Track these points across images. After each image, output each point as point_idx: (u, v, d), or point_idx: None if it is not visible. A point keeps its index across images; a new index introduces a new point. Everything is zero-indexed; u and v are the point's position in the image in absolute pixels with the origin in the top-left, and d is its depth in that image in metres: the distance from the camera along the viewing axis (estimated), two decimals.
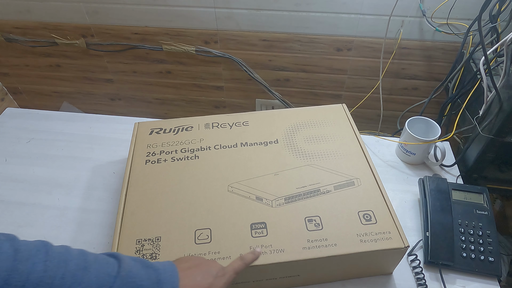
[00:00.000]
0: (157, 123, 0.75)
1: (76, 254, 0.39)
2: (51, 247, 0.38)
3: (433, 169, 0.82)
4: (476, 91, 0.83)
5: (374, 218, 0.58)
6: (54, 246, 0.38)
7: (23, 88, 1.36)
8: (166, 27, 1.07)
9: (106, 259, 0.41)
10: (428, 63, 1.06)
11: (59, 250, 0.38)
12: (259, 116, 0.76)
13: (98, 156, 0.84)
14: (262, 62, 1.13)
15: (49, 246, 0.38)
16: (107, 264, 0.40)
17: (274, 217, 0.58)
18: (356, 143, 0.70)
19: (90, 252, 0.41)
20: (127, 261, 0.42)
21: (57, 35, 1.14)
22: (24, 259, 0.35)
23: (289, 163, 0.66)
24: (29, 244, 0.37)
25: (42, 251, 0.37)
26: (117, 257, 0.42)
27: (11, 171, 0.81)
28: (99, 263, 0.39)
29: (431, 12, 0.92)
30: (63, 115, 0.96)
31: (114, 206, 0.73)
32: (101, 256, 0.41)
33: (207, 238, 0.56)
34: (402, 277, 0.64)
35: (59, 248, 0.39)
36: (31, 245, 0.37)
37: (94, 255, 0.41)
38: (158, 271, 0.42)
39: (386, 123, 1.24)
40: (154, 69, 1.20)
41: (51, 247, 0.38)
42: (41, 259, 0.36)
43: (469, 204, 0.69)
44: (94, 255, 0.41)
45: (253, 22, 1.03)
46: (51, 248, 0.38)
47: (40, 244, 0.38)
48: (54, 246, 0.38)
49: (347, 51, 1.06)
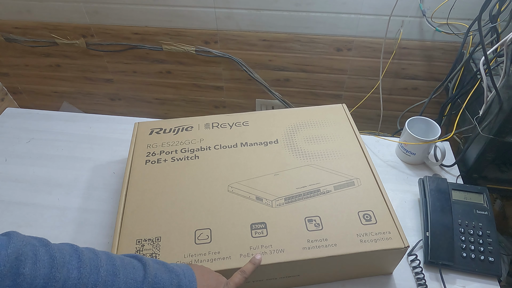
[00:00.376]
0: (157, 123, 0.75)
1: (105, 259, 0.39)
2: (82, 252, 0.38)
3: (433, 169, 0.82)
4: (476, 91, 0.83)
5: (374, 218, 0.58)
6: (83, 251, 0.38)
7: (23, 88, 1.36)
8: (166, 27, 1.07)
9: (132, 263, 0.41)
10: (428, 63, 1.06)
11: (89, 255, 0.38)
12: (259, 116, 0.76)
13: (98, 156, 0.84)
14: (262, 62, 1.13)
15: (80, 250, 0.38)
16: (134, 269, 0.41)
17: (274, 217, 0.58)
18: (356, 143, 0.70)
19: (116, 255, 0.41)
20: (152, 265, 0.42)
21: (57, 35, 1.14)
22: (60, 266, 0.35)
23: (289, 163, 0.66)
24: (62, 250, 0.37)
25: (74, 256, 0.37)
26: (142, 261, 0.42)
27: (11, 171, 0.81)
28: (126, 268, 0.40)
29: (431, 12, 0.92)
30: (63, 115, 0.96)
31: (114, 206, 0.73)
32: (127, 260, 0.42)
33: (207, 238, 0.56)
34: (402, 277, 0.64)
35: (89, 252, 0.39)
36: (64, 251, 0.37)
37: (120, 259, 0.41)
38: (179, 276, 0.43)
39: (386, 123, 1.24)
40: (154, 69, 1.20)
41: (82, 252, 0.38)
42: (75, 265, 0.36)
43: (469, 204, 0.69)
44: (120, 259, 0.41)
45: (253, 22, 1.03)
46: (82, 253, 0.38)
47: (71, 249, 0.38)
48: (84, 250, 0.39)
49: (347, 51, 1.06)
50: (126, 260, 0.41)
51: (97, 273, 0.37)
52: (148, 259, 0.43)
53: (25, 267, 0.32)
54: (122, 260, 0.41)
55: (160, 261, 0.45)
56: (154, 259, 0.45)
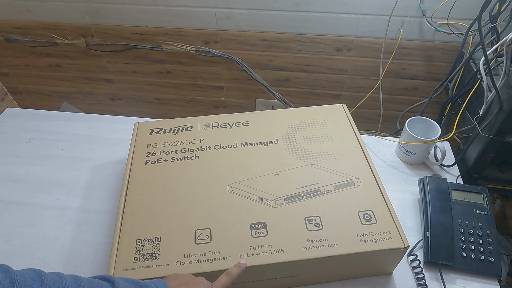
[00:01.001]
0: (157, 123, 0.75)
1: (70, 281, 0.38)
2: (45, 276, 0.37)
3: (433, 169, 0.82)
4: (476, 91, 0.83)
5: (374, 218, 0.58)
6: (47, 275, 0.38)
7: (23, 88, 1.36)
8: (166, 27, 1.07)
9: (100, 283, 0.41)
10: (428, 63, 1.06)
11: (53, 278, 0.38)
12: (259, 116, 0.76)
13: (98, 156, 0.84)
14: (262, 62, 1.13)
15: (43, 274, 0.37)
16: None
17: (274, 217, 0.58)
18: (356, 143, 0.70)
19: (83, 278, 0.41)
20: (121, 284, 0.41)
21: (57, 35, 1.14)
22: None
23: (289, 163, 0.66)
24: (23, 274, 0.36)
25: (37, 280, 0.36)
26: (111, 281, 0.42)
27: (11, 171, 0.81)
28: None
29: (431, 12, 0.92)
30: (63, 115, 0.96)
31: (114, 206, 0.73)
32: (95, 281, 0.41)
33: (207, 238, 0.56)
34: (402, 277, 0.64)
35: (53, 276, 0.38)
36: (26, 275, 0.36)
37: (88, 281, 0.40)
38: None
39: (386, 123, 1.24)
40: (154, 69, 1.20)
41: (45, 276, 0.37)
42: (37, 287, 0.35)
43: (469, 204, 0.69)
44: (88, 281, 0.40)
45: (253, 22, 1.03)
46: (45, 276, 0.37)
47: (33, 273, 0.37)
48: (48, 275, 0.38)
49: (347, 51, 1.06)
50: (94, 281, 0.40)
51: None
52: (118, 279, 0.42)
53: None
54: (89, 282, 0.40)
55: (131, 280, 0.44)
56: (126, 278, 0.44)
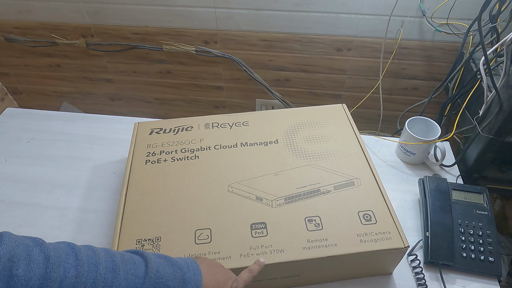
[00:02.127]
0: (157, 123, 0.75)
1: (104, 256, 0.38)
2: (79, 250, 0.37)
3: (433, 169, 0.82)
4: (476, 91, 0.83)
5: (374, 218, 0.58)
6: (81, 248, 0.37)
7: (23, 88, 1.36)
8: (166, 27, 1.07)
9: (132, 258, 0.40)
10: (428, 63, 1.06)
11: (87, 253, 0.37)
12: (259, 116, 0.76)
13: (98, 156, 0.84)
14: (262, 62, 1.13)
15: (77, 249, 0.37)
16: (134, 264, 0.40)
17: (274, 217, 0.58)
18: (356, 143, 0.70)
19: (116, 252, 0.40)
20: (154, 260, 0.41)
21: (57, 35, 1.14)
22: (55, 265, 0.34)
23: (289, 163, 0.66)
24: (57, 249, 0.36)
25: (71, 255, 0.36)
26: (143, 256, 0.41)
27: (11, 171, 0.81)
28: (126, 264, 0.39)
29: (431, 12, 0.92)
30: (63, 115, 0.96)
31: (114, 206, 0.73)
32: (128, 256, 0.41)
33: (207, 238, 0.56)
34: (402, 277, 0.64)
35: (87, 250, 0.38)
36: (60, 250, 0.36)
37: (121, 255, 0.40)
38: (183, 269, 0.42)
39: (386, 123, 1.24)
40: (154, 69, 1.20)
41: (79, 250, 0.37)
42: (72, 264, 0.35)
43: (469, 204, 0.69)
44: (121, 255, 0.40)
45: (253, 22, 1.03)
46: (79, 251, 0.37)
47: (67, 247, 0.37)
48: (81, 248, 0.38)
49: (347, 51, 1.06)
50: (126, 256, 0.40)
51: (95, 270, 0.36)
52: (150, 254, 0.42)
53: (19, 269, 0.31)
54: (122, 256, 0.40)
55: (163, 255, 0.44)
56: (157, 254, 0.44)
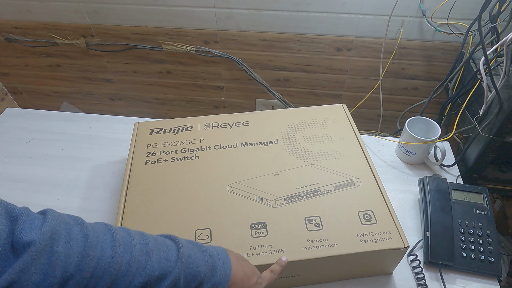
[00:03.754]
0: (157, 123, 0.75)
1: (138, 239, 0.39)
2: (116, 231, 0.38)
3: (433, 169, 0.82)
4: (476, 91, 0.83)
5: (374, 218, 0.58)
6: (117, 230, 0.39)
7: (23, 88, 1.36)
8: (166, 27, 1.07)
9: (165, 242, 0.42)
10: (428, 63, 1.06)
11: (123, 235, 0.38)
12: (259, 116, 0.76)
13: (98, 156, 0.84)
14: (262, 62, 1.13)
15: (114, 230, 0.38)
16: (167, 248, 0.41)
17: (274, 217, 0.58)
18: (356, 143, 0.70)
19: (150, 235, 0.41)
20: (185, 245, 0.42)
21: (57, 35, 1.14)
22: (93, 244, 0.35)
23: (289, 163, 0.66)
24: (96, 229, 0.37)
25: (108, 235, 0.37)
26: (175, 241, 0.42)
27: (11, 171, 0.81)
28: (159, 248, 0.40)
29: (431, 12, 0.92)
30: (63, 115, 0.96)
31: (114, 206, 0.73)
32: (161, 240, 0.42)
33: (207, 238, 0.56)
34: (402, 277, 0.64)
35: (122, 232, 0.39)
36: (98, 230, 0.37)
37: (154, 239, 0.41)
38: (213, 257, 0.43)
39: (386, 123, 1.24)
40: (154, 69, 1.20)
41: (116, 231, 0.38)
42: (108, 244, 0.36)
43: (469, 204, 0.69)
44: (154, 239, 0.41)
45: (253, 22, 1.03)
46: (115, 232, 0.38)
47: (105, 228, 0.38)
48: (118, 230, 0.39)
49: (347, 51, 1.06)
50: (159, 240, 0.41)
51: (130, 252, 0.37)
52: (182, 240, 0.43)
53: (59, 246, 0.32)
54: (155, 240, 0.41)
55: (194, 242, 0.45)
56: (188, 240, 0.44)
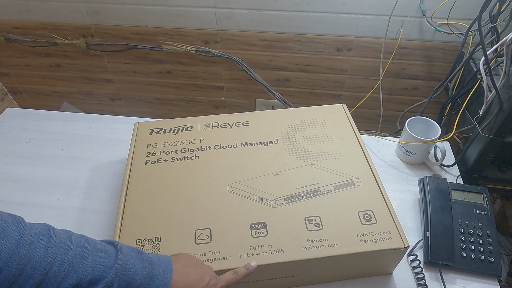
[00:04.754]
0: (157, 123, 0.75)
1: (77, 242, 0.40)
2: (54, 233, 0.38)
3: (433, 169, 0.82)
4: (476, 91, 0.83)
5: (374, 218, 0.58)
6: (57, 232, 0.39)
7: (23, 88, 1.36)
8: (166, 27, 1.07)
9: (105, 248, 0.42)
10: (428, 63, 1.06)
11: (61, 237, 0.39)
12: (259, 116, 0.76)
13: (98, 156, 0.84)
14: (262, 62, 1.13)
15: (53, 231, 0.39)
16: (105, 254, 0.41)
17: (274, 217, 0.58)
18: (356, 143, 0.70)
19: (92, 239, 0.42)
20: (125, 252, 0.42)
21: (57, 35, 1.14)
22: (27, 243, 0.35)
23: (289, 163, 0.66)
24: (33, 228, 0.37)
25: (45, 236, 0.38)
26: (117, 247, 0.42)
27: (11, 171, 0.81)
28: (97, 253, 0.40)
29: (431, 12, 0.92)
30: (63, 115, 0.96)
31: (114, 206, 0.73)
32: (101, 245, 0.42)
33: (207, 238, 0.56)
34: (402, 277, 0.64)
35: (62, 234, 0.39)
36: (35, 230, 0.37)
37: (94, 243, 0.41)
38: (153, 266, 0.43)
39: (386, 123, 1.24)
40: (154, 69, 1.20)
41: (54, 233, 0.38)
42: (43, 244, 0.37)
43: (469, 204, 0.69)
44: (94, 243, 0.41)
45: (253, 22, 1.03)
46: (54, 233, 0.38)
47: (44, 228, 0.39)
48: (58, 232, 0.39)
49: (347, 51, 1.06)
50: (100, 245, 0.42)
51: (64, 254, 0.38)
52: (124, 247, 0.43)
53: None
54: (95, 245, 0.41)
55: (138, 250, 0.45)
56: (132, 248, 0.44)
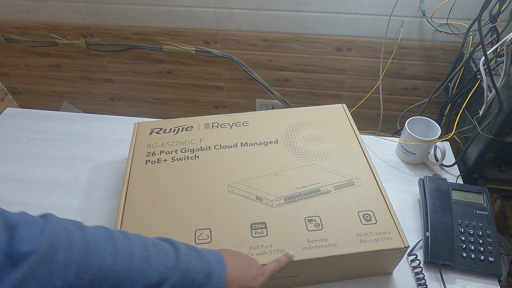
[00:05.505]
0: (157, 123, 0.75)
1: (139, 245, 0.39)
2: (117, 237, 0.38)
3: (433, 169, 0.82)
4: (476, 91, 0.83)
5: (374, 218, 0.58)
6: (118, 235, 0.38)
7: (23, 88, 1.36)
8: (166, 27, 1.07)
9: (164, 248, 0.41)
10: (428, 63, 1.06)
11: (124, 241, 0.38)
12: (259, 116, 0.76)
13: (98, 156, 0.84)
14: (262, 62, 1.13)
15: (114, 235, 0.38)
16: (166, 255, 0.40)
17: (274, 217, 0.58)
18: (356, 143, 0.70)
19: (148, 238, 0.41)
20: (183, 251, 0.42)
21: (57, 35, 1.14)
22: (94, 253, 0.35)
23: (289, 163, 0.66)
24: (97, 234, 0.37)
25: (109, 242, 0.37)
26: (174, 246, 0.42)
27: (11, 171, 0.81)
28: (159, 254, 0.40)
29: (431, 12, 0.92)
30: (63, 115, 0.96)
31: (114, 206, 0.73)
32: (160, 245, 0.41)
33: (207, 238, 0.56)
34: (402, 277, 0.64)
35: (123, 237, 0.39)
36: (99, 236, 0.37)
37: (153, 244, 0.41)
38: (210, 263, 0.43)
39: (386, 123, 1.24)
40: (154, 69, 1.20)
41: (117, 237, 0.38)
42: (110, 252, 0.36)
43: (469, 204, 0.69)
44: (153, 244, 0.41)
45: (253, 22, 1.03)
46: (116, 238, 0.38)
47: (105, 233, 0.38)
48: (118, 235, 0.38)
49: (347, 51, 1.06)
50: (159, 245, 0.41)
51: (131, 260, 0.37)
52: (180, 245, 0.43)
53: (59, 254, 0.32)
54: (155, 245, 0.41)
55: (191, 247, 0.44)
56: (186, 245, 0.44)
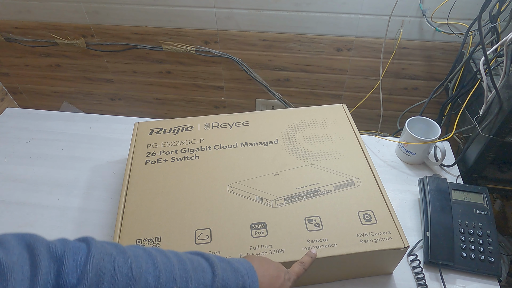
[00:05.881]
0: (157, 123, 0.75)
1: (177, 264, 0.39)
2: (156, 257, 0.37)
3: (433, 169, 0.82)
4: (476, 91, 0.83)
5: (374, 218, 0.58)
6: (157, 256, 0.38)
7: (23, 88, 1.36)
8: (166, 27, 1.07)
9: (200, 265, 0.41)
10: (428, 63, 1.06)
11: (163, 261, 0.38)
12: (259, 116, 0.76)
13: (98, 156, 0.84)
14: (262, 62, 1.13)
15: (153, 256, 0.38)
16: (203, 272, 0.40)
17: (274, 217, 0.58)
18: (356, 143, 0.70)
19: (185, 256, 0.41)
20: (218, 265, 0.42)
21: (57, 35, 1.14)
22: (137, 277, 0.34)
23: (289, 163, 0.66)
24: (138, 257, 0.36)
25: (150, 264, 0.37)
26: (209, 261, 0.42)
27: (11, 171, 0.81)
28: (196, 271, 0.40)
29: (431, 12, 0.92)
30: (63, 115, 0.96)
31: (114, 206, 0.73)
32: (196, 262, 0.41)
33: (207, 238, 0.56)
34: (402, 277, 0.64)
35: (161, 256, 0.38)
36: (140, 258, 0.36)
37: (190, 261, 0.40)
38: (244, 276, 0.43)
39: (386, 123, 1.24)
40: (154, 69, 1.20)
41: (156, 257, 0.37)
42: (151, 274, 0.36)
43: (469, 204, 0.69)
44: (190, 261, 0.40)
45: (253, 22, 1.03)
46: (156, 258, 0.37)
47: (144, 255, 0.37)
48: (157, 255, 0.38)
49: (347, 51, 1.06)
50: (195, 262, 0.41)
51: (172, 281, 0.37)
52: (214, 259, 0.42)
53: (105, 282, 0.32)
54: (192, 262, 0.40)
55: (224, 259, 0.44)
56: (219, 257, 0.44)
